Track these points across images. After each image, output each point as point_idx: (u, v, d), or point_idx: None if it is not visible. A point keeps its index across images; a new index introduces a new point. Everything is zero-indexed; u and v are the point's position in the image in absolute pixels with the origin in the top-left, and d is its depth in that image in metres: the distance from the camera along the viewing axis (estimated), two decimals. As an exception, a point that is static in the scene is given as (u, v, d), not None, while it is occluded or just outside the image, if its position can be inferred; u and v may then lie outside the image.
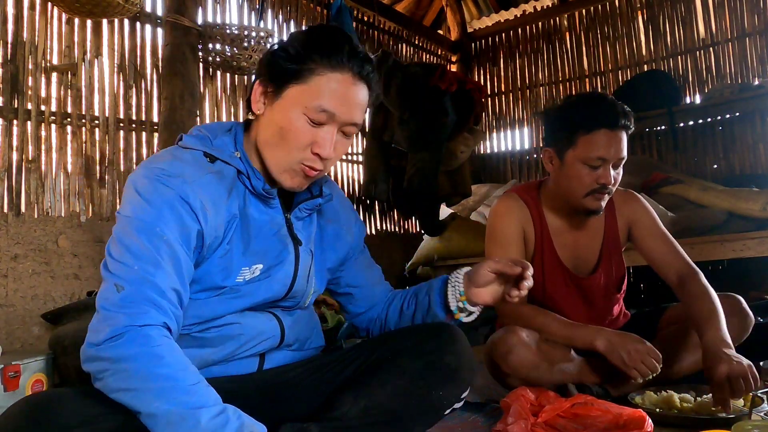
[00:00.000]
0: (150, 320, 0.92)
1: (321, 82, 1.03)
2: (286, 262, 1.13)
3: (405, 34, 4.71)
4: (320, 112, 1.03)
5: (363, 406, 1.05)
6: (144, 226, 0.97)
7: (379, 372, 1.10)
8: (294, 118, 1.03)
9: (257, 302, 1.12)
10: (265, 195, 1.10)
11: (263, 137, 1.08)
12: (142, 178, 1.02)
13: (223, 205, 1.05)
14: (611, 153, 1.59)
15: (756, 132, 3.96)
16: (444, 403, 1.12)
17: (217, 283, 1.07)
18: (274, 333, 1.16)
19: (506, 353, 1.59)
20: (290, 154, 1.05)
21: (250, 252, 1.09)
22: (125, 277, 0.94)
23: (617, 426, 1.30)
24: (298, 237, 1.16)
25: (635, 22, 4.52)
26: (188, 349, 1.06)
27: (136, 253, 0.95)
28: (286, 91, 1.04)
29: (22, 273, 2.25)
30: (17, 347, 2.20)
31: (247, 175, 1.09)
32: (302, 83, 1.03)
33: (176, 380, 0.87)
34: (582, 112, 1.63)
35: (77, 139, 2.52)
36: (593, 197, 1.64)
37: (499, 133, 5.12)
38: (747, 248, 2.77)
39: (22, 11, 2.38)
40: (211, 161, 1.08)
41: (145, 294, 0.93)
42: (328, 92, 1.02)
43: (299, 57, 1.03)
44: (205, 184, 1.03)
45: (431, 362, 1.10)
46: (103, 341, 0.89)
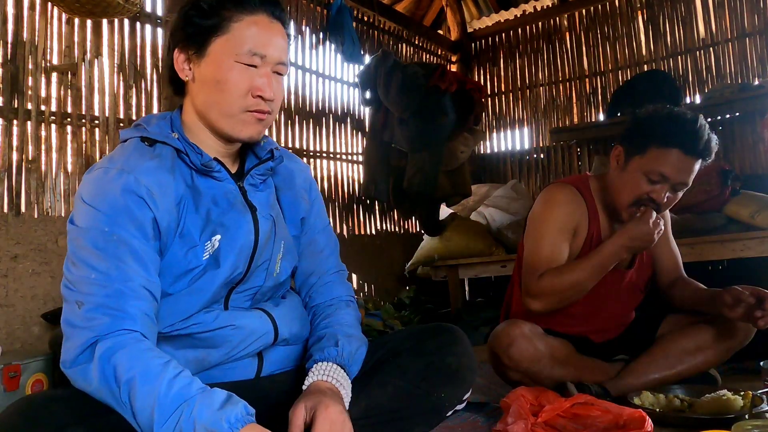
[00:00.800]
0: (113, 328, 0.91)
1: (242, 27, 1.04)
2: (244, 230, 1.10)
3: (405, 34, 4.71)
4: (252, 56, 1.04)
5: (364, 406, 1.05)
6: (95, 234, 0.96)
7: (379, 372, 1.09)
8: (227, 68, 1.03)
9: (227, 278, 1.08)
10: (205, 169, 1.08)
11: (202, 101, 1.08)
12: (84, 184, 1.02)
13: (170, 187, 1.05)
14: (675, 174, 1.55)
15: (756, 132, 3.95)
16: (445, 404, 1.11)
17: (188, 264, 1.05)
18: (267, 329, 1.14)
19: (508, 345, 1.59)
20: (234, 103, 1.05)
21: (207, 225, 1.07)
22: (85, 290, 0.94)
23: (617, 426, 1.30)
24: (253, 204, 1.14)
25: (635, 22, 4.52)
26: (182, 350, 1.07)
27: (91, 264, 0.94)
28: (210, 47, 1.05)
29: (22, 273, 2.25)
30: (17, 347, 2.19)
31: (185, 153, 1.08)
32: (225, 33, 1.04)
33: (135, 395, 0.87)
34: (665, 125, 1.57)
35: (77, 139, 2.52)
36: (636, 209, 1.61)
37: (499, 133, 5.12)
38: (747, 248, 2.77)
39: (22, 11, 2.38)
40: (150, 145, 1.07)
41: (106, 303, 0.92)
42: (253, 35, 1.04)
43: (214, 10, 1.04)
44: (147, 170, 1.02)
45: (432, 363, 1.09)
46: (71, 361, 0.91)
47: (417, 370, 1.08)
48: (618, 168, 1.66)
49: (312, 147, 3.87)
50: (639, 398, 1.51)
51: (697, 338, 1.71)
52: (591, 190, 1.74)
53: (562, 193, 1.72)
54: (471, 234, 3.68)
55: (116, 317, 0.92)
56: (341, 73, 4.15)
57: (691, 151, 1.54)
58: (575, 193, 1.72)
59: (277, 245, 1.16)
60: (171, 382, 0.87)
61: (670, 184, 1.57)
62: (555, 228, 1.67)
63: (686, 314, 1.78)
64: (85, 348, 0.90)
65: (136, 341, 0.91)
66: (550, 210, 1.70)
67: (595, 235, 1.72)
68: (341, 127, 4.13)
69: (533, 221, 1.75)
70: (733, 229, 2.90)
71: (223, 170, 1.11)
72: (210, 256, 1.06)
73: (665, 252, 1.83)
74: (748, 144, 3.99)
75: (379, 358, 1.14)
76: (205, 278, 1.06)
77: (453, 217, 3.90)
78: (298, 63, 3.80)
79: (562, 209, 1.69)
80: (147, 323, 0.95)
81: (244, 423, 0.85)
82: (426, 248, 3.80)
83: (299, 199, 1.24)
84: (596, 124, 4.44)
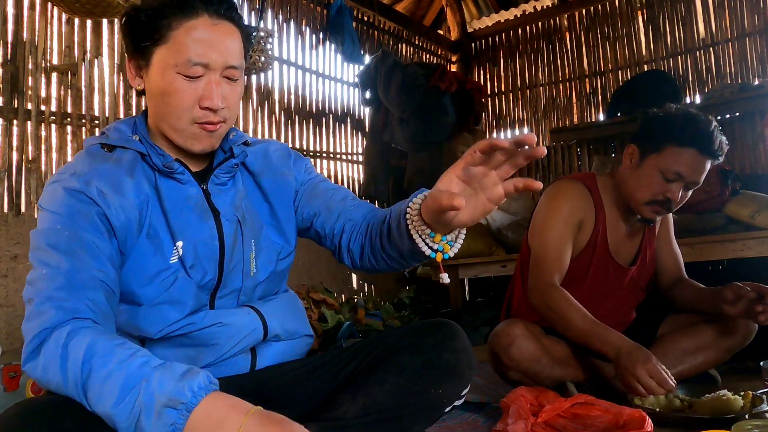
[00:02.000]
0: (60, 319, 0.89)
1: (180, 35, 0.98)
2: (205, 236, 1.08)
3: (405, 34, 4.71)
4: (192, 66, 0.98)
5: (362, 404, 1.04)
6: (48, 233, 0.97)
7: (377, 370, 1.09)
8: (170, 81, 0.99)
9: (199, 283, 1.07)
10: (167, 170, 1.06)
11: (153, 111, 1.05)
12: (43, 194, 1.03)
13: (127, 186, 1.03)
14: (690, 173, 1.58)
15: (756, 132, 3.95)
16: (443, 401, 1.10)
17: (156, 266, 1.04)
18: (255, 326, 1.13)
19: (507, 345, 1.60)
20: (181, 117, 1.01)
21: (172, 229, 1.06)
22: (36, 286, 0.93)
23: (617, 426, 1.30)
24: (217, 207, 1.10)
25: (635, 22, 4.52)
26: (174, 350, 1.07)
27: (44, 261, 0.94)
28: (153, 57, 1.00)
29: (22, 273, 2.25)
30: (17, 347, 2.20)
31: (148, 155, 1.06)
32: (164, 43, 0.99)
33: (87, 383, 0.84)
34: (682, 125, 1.59)
35: (77, 139, 2.52)
36: (653, 207, 1.64)
37: (499, 133, 5.12)
38: (747, 248, 2.77)
39: (22, 11, 2.38)
40: (109, 150, 1.06)
41: (54, 295, 0.91)
42: (191, 42, 0.98)
43: (151, 18, 0.99)
44: (100, 173, 1.02)
45: (430, 360, 1.08)
46: (26, 358, 0.89)
47: (415, 368, 1.07)
48: (632, 166, 1.68)
49: (312, 147, 3.87)
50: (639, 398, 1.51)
51: (698, 338, 1.71)
52: (598, 187, 1.77)
53: (569, 188, 1.75)
54: (471, 234, 3.68)
55: (65, 308, 0.90)
56: (341, 73, 4.15)
57: (706, 151, 1.57)
58: (582, 188, 1.75)
59: (247, 245, 1.13)
60: (127, 362, 0.84)
61: (684, 183, 1.60)
62: (561, 220, 1.70)
63: (686, 314, 1.78)
64: (39, 343, 0.88)
65: (86, 328, 0.89)
66: (557, 203, 1.73)
67: (601, 231, 1.74)
68: (341, 127, 4.13)
69: (540, 213, 1.77)
70: (733, 229, 2.90)
71: (186, 172, 1.08)
72: (178, 260, 1.06)
73: (667, 252, 1.85)
74: (748, 144, 3.99)
75: (376, 356, 1.13)
76: (179, 284, 1.05)
77: (453, 217, 3.90)
78: (298, 63, 3.80)
79: (569, 203, 1.71)
80: (99, 311, 0.93)
81: (207, 391, 0.82)
82: (426, 248, 3.80)
83: (282, 176, 1.20)
84: (596, 124, 4.44)
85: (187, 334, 1.07)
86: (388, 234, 1.04)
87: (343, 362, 1.16)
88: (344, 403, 1.05)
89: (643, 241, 1.82)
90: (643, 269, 1.83)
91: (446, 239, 0.95)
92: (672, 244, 1.86)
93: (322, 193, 1.20)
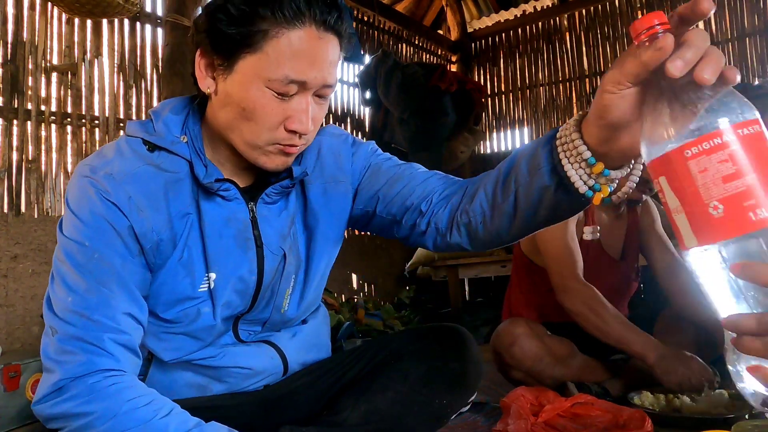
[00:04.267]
0: (89, 368, 0.80)
1: (281, 45, 0.81)
2: (243, 269, 0.96)
3: (405, 34, 4.71)
4: (288, 84, 0.82)
5: (363, 410, 1.00)
6: (75, 248, 0.85)
7: (380, 376, 1.04)
8: (257, 96, 0.83)
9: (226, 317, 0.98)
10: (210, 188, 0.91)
11: (223, 119, 0.88)
12: (72, 183, 0.89)
13: (162, 201, 0.89)
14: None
15: (756, 132, 3.95)
16: (447, 411, 1.06)
17: (182, 292, 0.93)
18: (277, 369, 1.07)
19: (510, 344, 1.60)
20: (261, 136, 0.86)
21: (207, 256, 0.93)
22: (60, 315, 0.83)
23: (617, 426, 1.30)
24: (262, 236, 0.97)
25: (635, 22, 4.52)
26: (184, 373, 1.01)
27: (69, 285, 0.83)
28: (238, 63, 0.83)
29: (22, 273, 2.25)
30: (17, 347, 2.19)
31: (192, 163, 0.91)
32: (256, 51, 0.81)
33: (126, 427, 0.78)
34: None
35: (77, 139, 2.52)
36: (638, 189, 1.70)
37: (499, 133, 5.11)
38: (747, 248, 2.77)
39: (22, 11, 2.38)
40: (151, 150, 0.91)
41: (82, 335, 0.81)
42: (292, 57, 0.81)
43: (245, 18, 0.81)
44: (138, 179, 0.88)
45: (435, 367, 1.03)
46: (43, 398, 0.81)
47: (419, 375, 1.02)
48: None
49: (312, 147, 3.87)
50: (639, 398, 1.51)
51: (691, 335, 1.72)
52: None
53: None
54: (471, 234, 3.68)
55: (92, 353, 0.81)
56: (341, 73, 4.15)
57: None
58: None
59: (285, 281, 1.01)
60: (164, 421, 0.80)
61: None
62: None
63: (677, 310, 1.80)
64: (57, 388, 0.80)
65: (114, 384, 0.81)
66: None
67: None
68: (341, 127, 4.13)
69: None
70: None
71: (232, 188, 0.94)
72: (206, 291, 0.94)
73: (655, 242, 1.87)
74: (748, 144, 3.99)
75: (380, 361, 1.08)
76: (201, 321, 0.95)
77: (453, 217, 3.90)
78: (298, 63, 3.80)
79: None
80: (128, 357, 0.85)
81: None
82: (426, 248, 3.80)
83: (335, 183, 1.03)
84: (596, 124, 4.43)
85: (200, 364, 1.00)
86: (513, 179, 0.80)
87: (347, 367, 1.12)
88: (346, 409, 1.01)
89: (628, 232, 1.86)
90: (631, 260, 1.88)
91: (609, 173, 0.69)
92: (658, 233, 1.88)
93: (385, 172, 1.03)
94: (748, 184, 0.50)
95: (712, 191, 0.51)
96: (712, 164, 0.51)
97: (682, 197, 0.53)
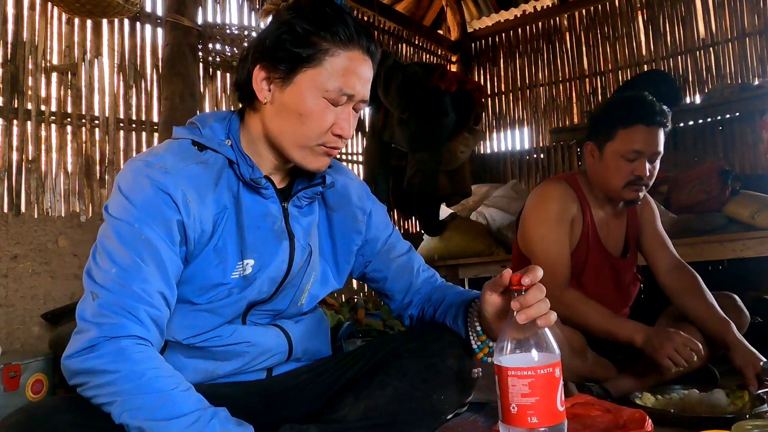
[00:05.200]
0: (122, 332, 0.88)
1: (336, 63, 0.99)
2: (278, 258, 1.07)
3: (405, 34, 4.71)
4: (341, 95, 1.00)
5: (363, 408, 1.03)
6: (123, 228, 0.94)
7: (379, 374, 1.07)
8: (313, 103, 1.00)
9: (249, 302, 1.07)
10: (254, 184, 1.05)
11: (276, 126, 1.03)
12: (126, 172, 0.99)
13: (210, 195, 1.01)
14: (647, 147, 1.68)
15: (756, 132, 3.95)
16: (445, 407, 1.09)
17: (214, 279, 1.02)
18: (282, 349, 1.14)
19: None
20: (312, 138, 1.02)
21: (244, 246, 1.04)
22: (102, 284, 0.91)
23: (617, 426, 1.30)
24: (293, 230, 1.10)
25: (635, 22, 4.52)
26: (193, 360, 1.06)
27: (114, 258, 0.92)
28: (298, 76, 1.00)
29: (22, 273, 2.25)
30: (17, 347, 2.20)
31: (237, 163, 1.04)
32: (316, 66, 0.99)
33: (146, 391, 0.85)
34: (622, 109, 1.73)
35: (77, 139, 2.52)
36: (630, 188, 1.71)
37: (499, 133, 5.11)
38: (747, 248, 2.76)
39: (22, 11, 2.38)
40: (200, 149, 1.03)
41: (120, 302, 0.89)
42: (345, 73, 0.99)
43: (308, 38, 0.98)
44: (189, 175, 0.99)
45: (433, 365, 1.07)
46: (74, 353, 0.88)
47: (417, 372, 1.06)
48: (595, 161, 1.78)
49: (312, 147, 3.87)
50: (641, 399, 1.51)
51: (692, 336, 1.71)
52: (580, 184, 1.84)
53: (555, 189, 1.81)
54: (471, 234, 3.68)
55: (128, 319, 0.89)
56: (341, 73, 4.14)
57: (652, 122, 1.69)
58: (567, 187, 1.81)
59: (307, 276, 1.14)
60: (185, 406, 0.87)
61: (647, 157, 1.69)
62: (554, 222, 1.75)
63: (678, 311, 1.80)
64: (91, 345, 0.87)
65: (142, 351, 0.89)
66: (547, 206, 1.78)
67: (591, 225, 1.80)
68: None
69: (530, 219, 1.81)
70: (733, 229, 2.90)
71: (270, 188, 1.08)
72: (239, 278, 1.04)
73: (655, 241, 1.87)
74: (748, 144, 3.99)
75: (379, 359, 1.12)
76: (230, 300, 1.04)
77: (453, 217, 3.90)
78: (298, 63, 3.79)
79: (558, 204, 1.77)
80: (156, 332, 0.93)
81: None
82: (426, 248, 3.80)
83: (354, 220, 1.20)
84: (596, 124, 4.43)
85: (212, 348, 1.06)
86: (444, 317, 1.17)
87: (348, 365, 1.16)
88: (346, 406, 1.04)
89: (628, 228, 1.87)
90: (634, 257, 1.90)
91: (489, 343, 1.07)
92: (658, 231, 1.89)
93: (396, 259, 1.26)
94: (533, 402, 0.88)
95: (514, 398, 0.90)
96: (518, 384, 0.90)
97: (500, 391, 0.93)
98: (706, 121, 4.12)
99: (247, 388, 1.11)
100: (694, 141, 4.18)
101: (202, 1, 3.00)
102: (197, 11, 2.89)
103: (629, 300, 1.91)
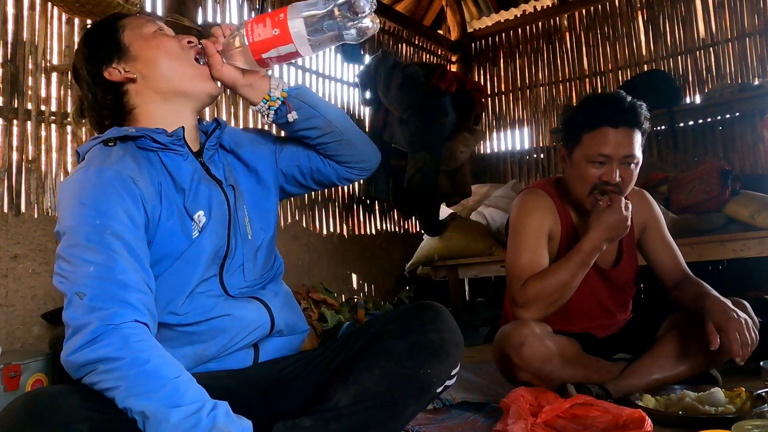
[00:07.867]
0: (122, 318, 0.91)
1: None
2: (217, 201, 1.16)
3: (405, 34, 4.71)
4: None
5: (353, 392, 1.06)
6: (86, 229, 0.96)
7: (365, 357, 1.11)
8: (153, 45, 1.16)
9: (212, 251, 1.12)
10: (173, 144, 1.12)
11: (152, 78, 1.14)
12: (64, 190, 1.03)
13: (146, 174, 1.07)
14: (614, 150, 1.60)
15: (756, 132, 3.95)
16: (433, 380, 1.12)
17: (182, 244, 1.08)
18: (264, 320, 1.17)
19: (519, 345, 1.57)
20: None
21: (189, 203, 1.12)
22: (84, 282, 0.93)
23: (617, 426, 1.30)
24: (218, 177, 1.19)
25: (635, 22, 4.52)
26: (180, 348, 1.08)
27: (87, 258, 0.94)
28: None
29: (22, 273, 2.25)
30: (17, 347, 2.19)
31: (148, 136, 1.10)
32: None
33: (151, 377, 0.87)
34: (587, 110, 1.67)
35: (77, 139, 2.52)
36: (594, 195, 1.65)
37: (499, 133, 5.11)
38: (747, 248, 2.76)
39: (22, 11, 2.38)
40: (113, 144, 1.10)
41: (109, 293, 0.92)
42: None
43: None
44: (122, 166, 1.05)
45: (416, 341, 1.10)
46: (78, 348, 0.89)
47: (401, 350, 1.09)
48: (568, 167, 1.74)
49: (312, 147, 3.86)
50: (642, 401, 1.51)
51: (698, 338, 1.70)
52: (557, 192, 1.80)
53: (532, 199, 1.77)
54: (471, 234, 3.68)
55: (122, 307, 0.91)
56: (341, 73, 4.15)
57: (619, 124, 1.61)
58: (544, 196, 1.77)
59: (241, 210, 1.21)
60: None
61: (617, 161, 1.62)
62: (532, 233, 1.71)
63: (686, 314, 1.78)
64: (94, 337, 0.88)
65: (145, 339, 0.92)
66: (524, 216, 1.75)
67: (570, 234, 1.76)
68: (341, 127, 4.12)
69: (511, 230, 1.79)
70: (733, 229, 2.90)
71: (185, 146, 1.15)
72: (199, 233, 1.10)
73: (663, 254, 1.83)
74: (748, 144, 3.99)
75: (363, 344, 1.15)
76: (192, 251, 1.09)
77: (453, 217, 3.90)
78: (298, 63, 3.79)
79: (536, 214, 1.74)
80: (149, 316, 0.96)
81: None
82: (426, 248, 3.80)
83: (257, 144, 1.31)
84: (596, 124, 4.42)
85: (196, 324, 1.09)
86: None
87: (335, 353, 1.19)
88: (336, 393, 1.07)
89: (622, 242, 1.81)
90: (628, 267, 1.84)
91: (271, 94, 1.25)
92: (668, 243, 1.84)
93: (293, 145, 1.32)
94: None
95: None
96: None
97: None
98: (706, 121, 4.12)
99: (238, 378, 1.13)
100: (694, 141, 4.18)
101: (202, 1, 3.00)
102: (197, 11, 2.89)
103: (627, 306, 1.87)
